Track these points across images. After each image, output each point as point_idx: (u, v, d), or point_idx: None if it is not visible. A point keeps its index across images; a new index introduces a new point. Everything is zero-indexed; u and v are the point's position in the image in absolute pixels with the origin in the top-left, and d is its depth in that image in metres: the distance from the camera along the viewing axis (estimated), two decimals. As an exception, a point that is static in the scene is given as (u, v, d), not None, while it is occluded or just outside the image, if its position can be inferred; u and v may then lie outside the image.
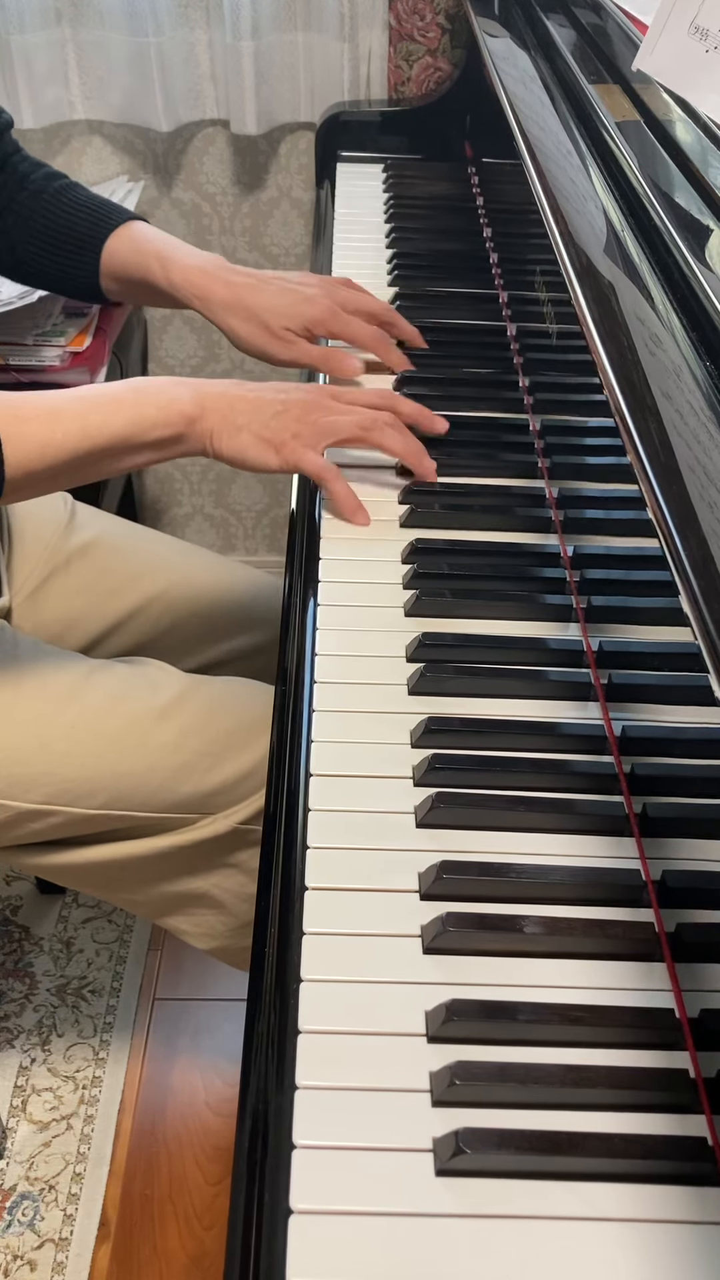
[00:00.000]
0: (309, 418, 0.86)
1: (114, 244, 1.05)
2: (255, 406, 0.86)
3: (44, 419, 0.78)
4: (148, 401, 0.82)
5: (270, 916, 0.62)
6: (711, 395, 0.59)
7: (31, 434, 0.78)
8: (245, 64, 1.57)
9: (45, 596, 1.10)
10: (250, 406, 0.85)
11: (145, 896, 0.99)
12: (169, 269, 1.02)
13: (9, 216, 1.09)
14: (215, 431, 0.84)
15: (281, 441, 0.85)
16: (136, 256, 1.04)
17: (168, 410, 0.82)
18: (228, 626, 1.14)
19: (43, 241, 1.08)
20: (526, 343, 1.06)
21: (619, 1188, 0.50)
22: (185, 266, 1.02)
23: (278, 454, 0.85)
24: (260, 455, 0.85)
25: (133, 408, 0.82)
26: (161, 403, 0.83)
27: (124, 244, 1.05)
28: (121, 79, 1.62)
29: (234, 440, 0.85)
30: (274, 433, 0.85)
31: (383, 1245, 0.48)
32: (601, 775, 0.68)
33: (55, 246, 1.07)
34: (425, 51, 1.62)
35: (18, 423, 0.77)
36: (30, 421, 0.78)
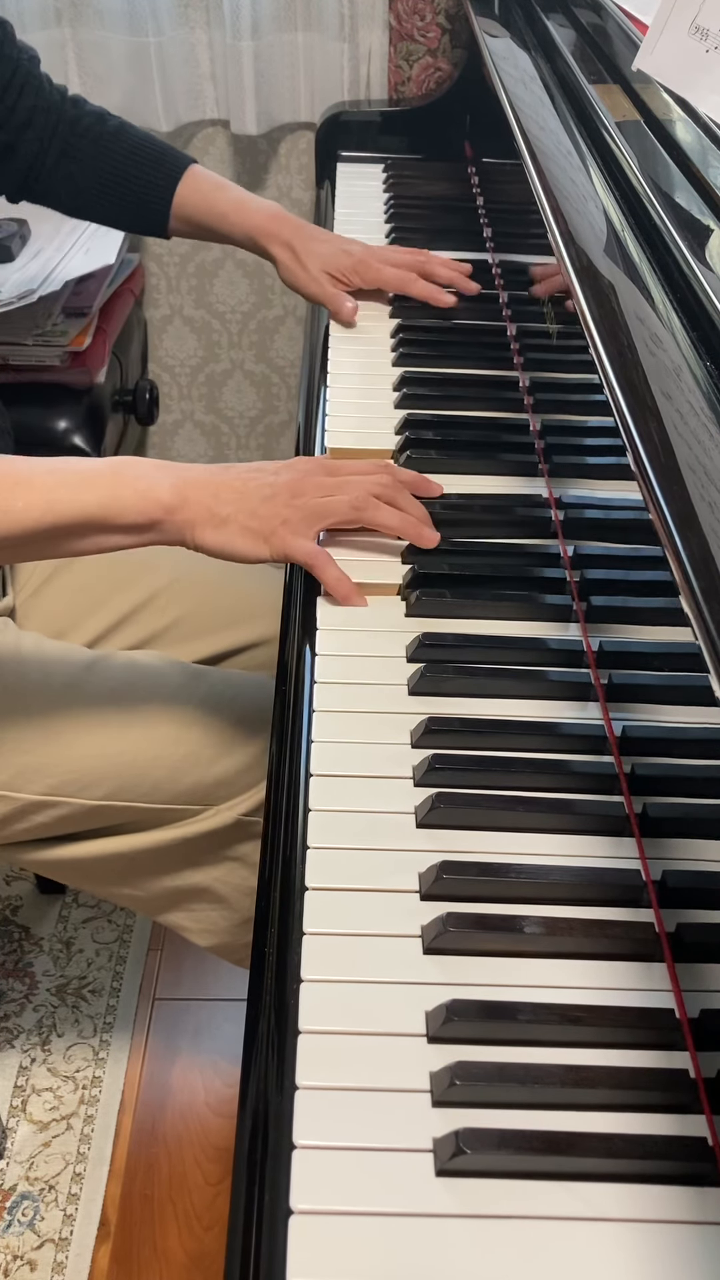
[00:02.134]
0: (298, 501, 0.81)
1: (183, 191, 1.15)
2: (241, 494, 0.80)
3: (7, 486, 0.75)
4: (124, 484, 0.78)
5: (270, 916, 0.62)
6: (711, 395, 0.59)
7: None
8: (245, 64, 1.57)
9: (50, 593, 1.11)
10: (235, 495, 0.80)
11: (147, 892, 0.99)
12: (243, 213, 1.15)
13: (70, 163, 1.14)
14: (198, 523, 0.79)
15: (270, 530, 0.80)
16: (208, 204, 1.16)
17: (145, 497, 0.78)
18: (232, 618, 1.14)
19: (113, 189, 1.15)
20: (526, 343, 1.06)
21: (619, 1188, 0.50)
22: (257, 210, 1.15)
23: (266, 543, 0.80)
24: (248, 546, 0.80)
25: (107, 488, 0.77)
26: (140, 488, 0.78)
27: (193, 193, 1.15)
28: (121, 79, 1.62)
29: (219, 533, 0.80)
30: (262, 521, 0.80)
31: (383, 1245, 0.48)
32: (601, 775, 0.68)
33: (125, 194, 1.16)
34: (425, 51, 1.62)
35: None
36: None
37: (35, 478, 0.76)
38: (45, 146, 1.13)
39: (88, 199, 1.16)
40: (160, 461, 0.81)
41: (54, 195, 1.17)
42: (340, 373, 1.06)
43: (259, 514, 0.80)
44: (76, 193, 1.16)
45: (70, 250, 1.52)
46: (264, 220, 1.14)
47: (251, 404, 1.95)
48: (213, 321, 1.87)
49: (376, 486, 0.83)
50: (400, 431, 0.97)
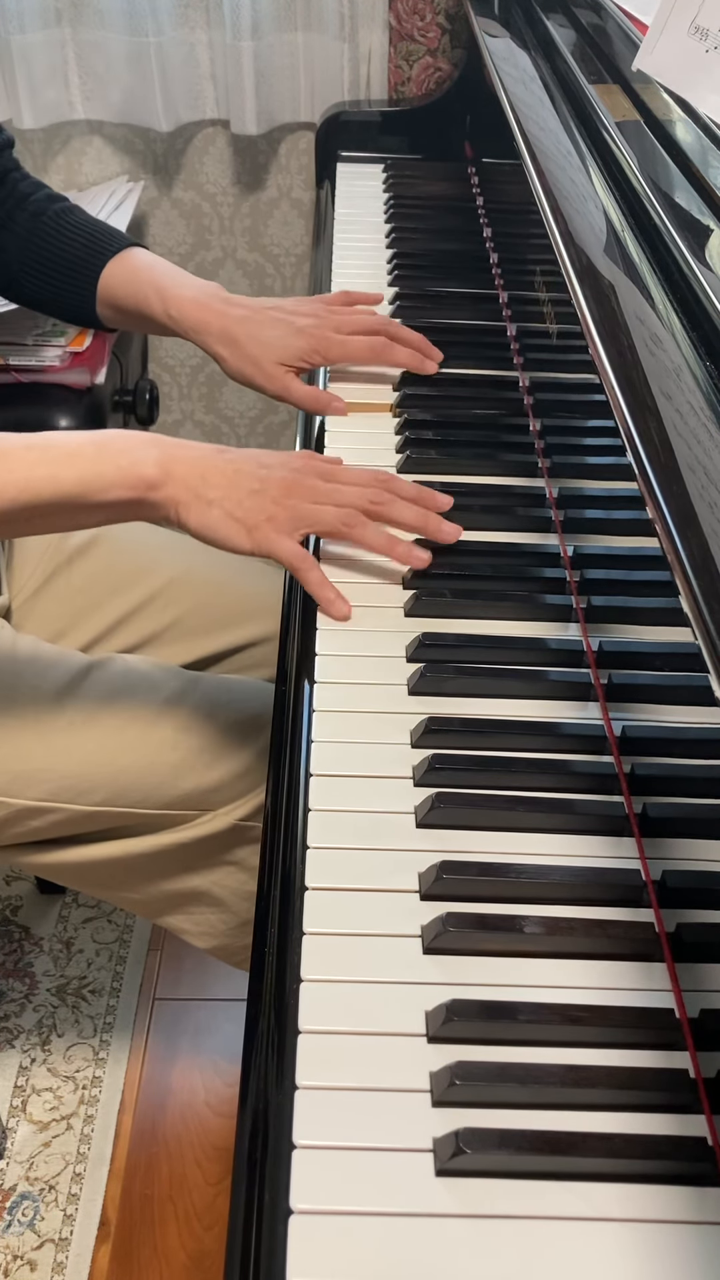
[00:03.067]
0: (288, 501, 0.79)
1: (111, 272, 1.04)
2: (231, 481, 0.79)
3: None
4: (107, 460, 0.76)
5: (270, 916, 0.62)
6: (711, 395, 0.59)
7: None
8: (245, 64, 1.57)
9: (47, 595, 1.11)
10: (225, 480, 0.78)
11: (145, 895, 0.99)
12: (166, 301, 1.01)
13: (5, 235, 1.07)
14: (182, 502, 0.78)
15: (255, 524, 0.78)
16: (133, 286, 1.03)
17: (127, 472, 0.76)
18: (230, 619, 1.14)
19: (38, 265, 1.06)
20: (526, 343, 1.06)
21: (619, 1188, 0.50)
22: (181, 299, 1.00)
23: (249, 536, 0.78)
24: (230, 535, 0.78)
25: (89, 464, 0.75)
26: (123, 463, 0.76)
27: (121, 273, 1.04)
28: (121, 79, 1.62)
29: (203, 515, 0.78)
30: (247, 513, 0.78)
31: (383, 1245, 0.48)
32: (601, 775, 0.68)
33: (51, 271, 1.06)
34: (425, 51, 1.62)
35: None
36: None
37: (13, 454, 0.75)
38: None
39: (16, 275, 1.08)
40: (152, 435, 0.79)
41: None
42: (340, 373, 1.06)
43: (244, 505, 0.78)
44: (7, 269, 1.08)
45: (70, 250, 1.52)
46: (192, 310, 1.00)
47: (251, 404, 1.95)
48: (213, 321, 1.86)
49: (367, 500, 0.80)
50: (400, 432, 0.97)
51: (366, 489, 0.81)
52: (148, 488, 0.77)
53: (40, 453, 0.75)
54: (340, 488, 0.81)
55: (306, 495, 0.80)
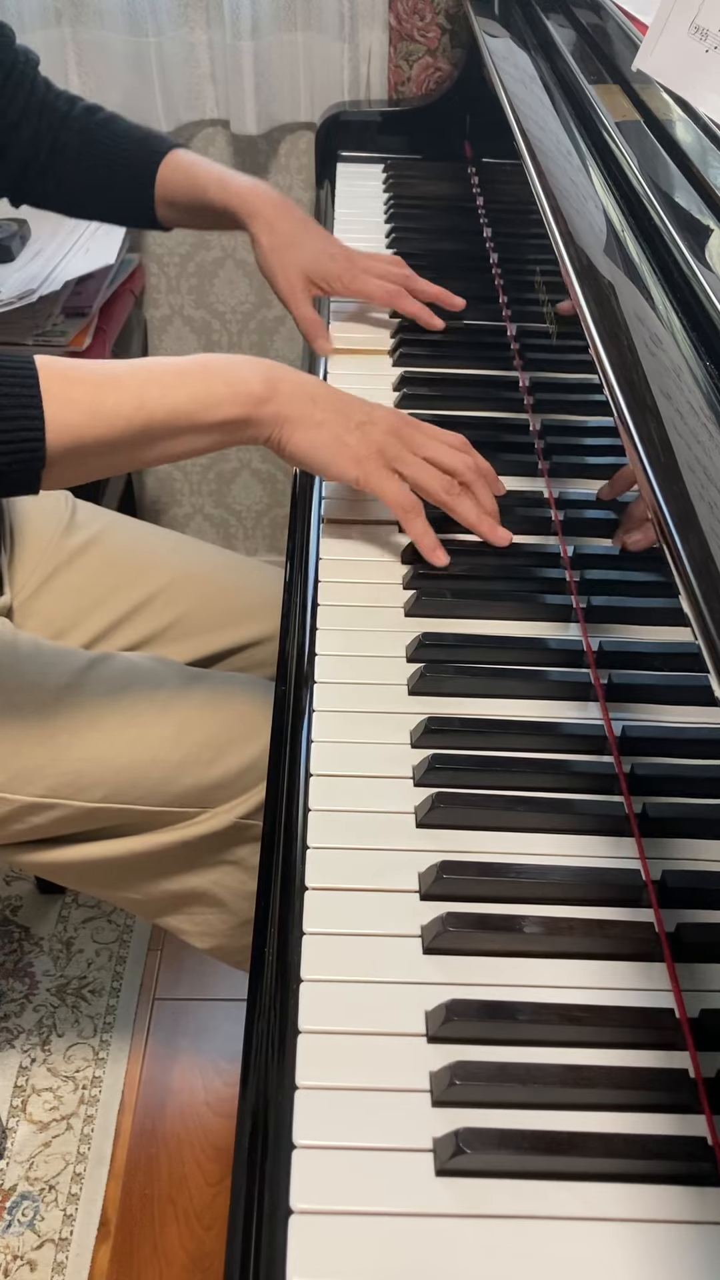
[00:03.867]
0: (395, 442, 0.80)
1: (166, 172, 1.10)
2: (338, 408, 0.79)
3: (95, 383, 0.72)
4: (215, 377, 0.75)
5: (270, 916, 0.62)
6: (711, 395, 0.59)
7: (78, 397, 0.70)
8: (245, 64, 1.57)
9: (48, 594, 1.11)
10: (333, 405, 0.79)
11: (145, 895, 0.99)
12: (225, 186, 1.08)
13: (58, 157, 1.12)
14: (289, 419, 0.77)
15: (366, 455, 0.78)
16: (191, 181, 1.10)
17: (236, 388, 0.75)
18: (231, 618, 1.14)
19: (97, 178, 1.12)
20: (526, 343, 1.06)
21: (619, 1188, 0.50)
22: (240, 182, 1.09)
23: (358, 466, 0.78)
24: (337, 459, 0.78)
25: (198, 383, 0.75)
26: (231, 379, 0.76)
27: (176, 173, 1.10)
28: (121, 79, 1.62)
29: (310, 435, 0.77)
30: (359, 441, 0.78)
31: (383, 1245, 0.48)
32: (601, 775, 0.68)
33: (110, 183, 1.12)
34: (425, 51, 1.62)
35: (65, 384, 0.70)
36: (79, 384, 0.71)
37: (124, 376, 0.73)
38: (37, 146, 1.12)
39: (77, 193, 1.14)
40: (253, 358, 0.79)
41: (47, 194, 1.16)
42: (340, 373, 1.06)
43: (355, 434, 0.79)
44: (66, 188, 1.14)
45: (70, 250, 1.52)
46: (246, 192, 1.08)
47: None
48: (213, 321, 1.87)
49: (466, 468, 0.82)
50: (400, 431, 0.97)
51: (466, 454, 0.83)
52: (256, 403, 0.76)
53: (150, 373, 0.74)
54: (442, 447, 0.82)
55: (410, 441, 0.81)
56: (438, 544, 0.81)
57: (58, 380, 0.70)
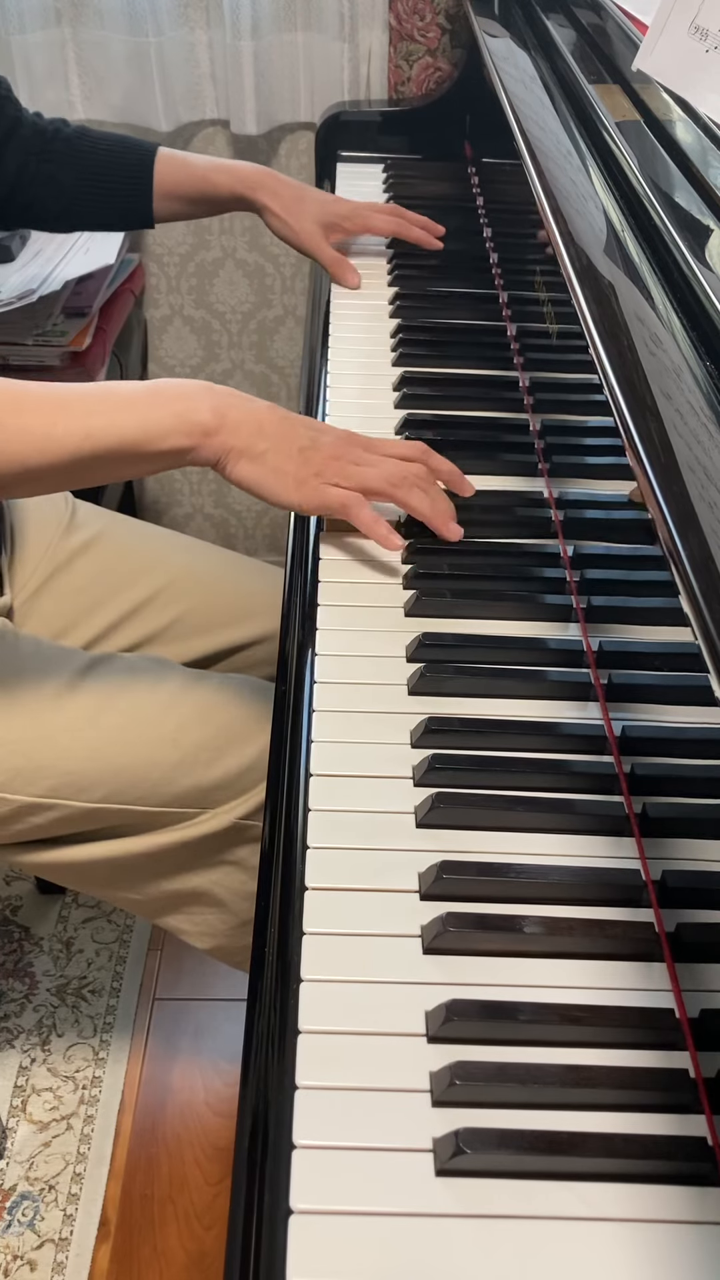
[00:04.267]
0: (337, 461, 0.81)
1: (162, 169, 1.17)
2: (282, 436, 0.80)
3: (46, 412, 0.74)
4: (164, 407, 0.77)
5: (270, 916, 0.62)
6: (711, 395, 0.59)
7: (30, 427, 0.73)
8: (245, 64, 1.57)
9: (48, 594, 1.11)
10: (277, 433, 0.80)
11: (145, 895, 0.99)
12: (229, 172, 1.18)
13: (50, 166, 1.15)
14: (234, 450, 0.79)
15: (305, 478, 0.80)
16: (190, 174, 1.18)
17: (184, 419, 0.77)
18: (231, 617, 1.14)
19: (94, 184, 1.17)
20: (526, 343, 1.06)
21: (619, 1188, 0.50)
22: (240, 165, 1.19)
23: (298, 490, 0.80)
24: (276, 488, 0.80)
25: (146, 411, 0.76)
26: (179, 409, 0.77)
27: (171, 167, 1.17)
28: (121, 79, 1.62)
29: (253, 466, 0.79)
30: (297, 467, 0.80)
31: (383, 1245, 0.48)
32: (601, 775, 0.68)
33: (107, 186, 1.17)
34: (425, 51, 1.62)
35: (17, 414, 0.73)
36: (30, 414, 0.74)
37: (73, 403, 0.75)
38: (26, 157, 1.14)
39: (72, 200, 1.17)
40: (204, 383, 0.81)
41: (40, 205, 1.17)
42: (340, 373, 1.06)
43: (295, 459, 0.80)
44: (61, 195, 1.17)
45: (70, 250, 1.52)
46: (246, 172, 1.17)
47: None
48: (213, 321, 1.87)
49: (410, 474, 0.83)
50: (400, 431, 0.97)
51: (410, 465, 0.84)
52: (203, 434, 0.78)
53: (97, 401, 0.76)
54: (384, 460, 0.84)
55: (353, 458, 0.82)
56: (390, 531, 0.82)
57: (8, 409, 0.73)
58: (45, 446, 0.74)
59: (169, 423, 0.77)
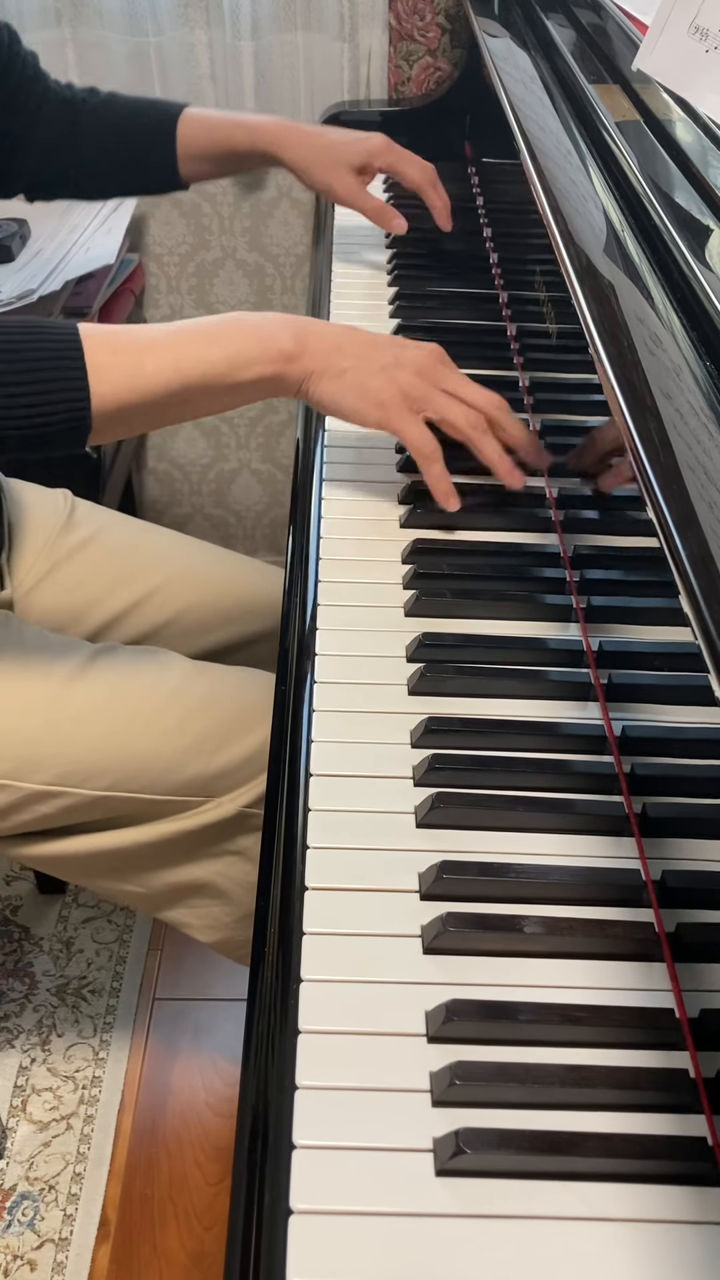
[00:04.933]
0: (420, 381, 0.82)
1: (185, 130, 1.15)
2: (364, 353, 0.81)
3: (135, 351, 0.75)
4: (248, 337, 0.78)
5: (270, 916, 0.62)
6: (711, 395, 0.59)
7: (121, 366, 0.75)
8: (245, 64, 1.57)
9: (47, 590, 1.11)
10: (359, 351, 0.81)
11: (148, 887, 0.99)
12: (250, 130, 1.15)
13: (79, 136, 1.15)
14: (315, 372, 0.80)
15: (387, 398, 0.81)
16: (212, 134, 1.16)
17: (267, 346, 0.78)
18: (229, 615, 1.15)
19: (120, 150, 1.16)
20: (526, 343, 1.06)
21: (619, 1188, 0.50)
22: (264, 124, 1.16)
23: (380, 409, 0.81)
24: (359, 406, 0.81)
25: (230, 343, 0.78)
26: (261, 337, 0.78)
27: (195, 128, 1.15)
28: (121, 79, 1.62)
29: (334, 384, 0.80)
30: (381, 386, 0.81)
31: (383, 1245, 0.48)
32: (601, 775, 0.68)
33: (132, 151, 1.16)
34: (425, 51, 1.62)
35: (109, 354, 0.75)
36: (122, 354, 0.75)
37: (160, 339, 0.77)
38: (55, 129, 1.14)
39: (98, 168, 1.17)
40: (281, 315, 0.82)
41: (67, 178, 1.18)
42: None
43: (378, 378, 0.81)
44: (89, 164, 1.17)
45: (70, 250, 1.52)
46: (268, 126, 1.15)
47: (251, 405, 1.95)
48: (213, 321, 1.86)
49: (493, 405, 0.84)
50: (400, 431, 0.97)
51: (492, 394, 0.85)
52: (286, 360, 0.79)
53: (185, 336, 0.78)
54: (468, 384, 0.84)
55: (438, 379, 0.83)
56: (452, 490, 0.84)
57: (102, 350, 0.74)
58: (136, 384, 0.75)
59: (253, 351, 0.78)
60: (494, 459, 0.85)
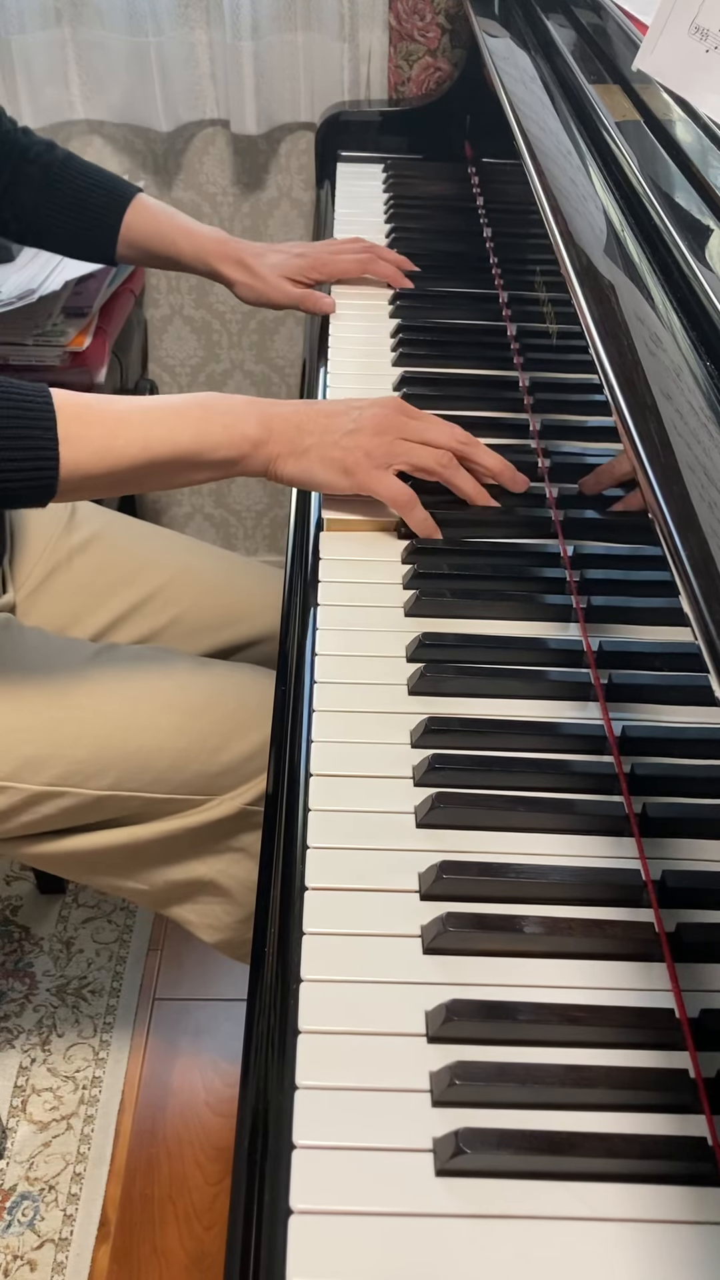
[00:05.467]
0: (383, 437, 0.83)
1: (133, 216, 1.16)
2: (325, 425, 0.84)
3: (108, 423, 0.77)
4: (214, 420, 0.81)
5: (270, 916, 0.62)
6: (711, 395, 0.59)
7: (93, 438, 0.77)
8: (245, 64, 1.57)
9: (49, 592, 1.11)
10: (319, 426, 0.83)
11: (151, 885, 0.99)
12: (194, 241, 1.17)
13: (20, 188, 1.15)
14: (280, 455, 0.82)
15: (354, 462, 0.83)
16: (157, 231, 1.17)
17: (232, 431, 0.81)
18: (230, 616, 1.15)
19: (63, 214, 1.16)
20: (526, 343, 1.06)
21: (619, 1188, 0.50)
22: (205, 237, 1.18)
23: (349, 476, 0.83)
24: (329, 475, 0.83)
25: (198, 424, 0.80)
26: (228, 422, 0.81)
27: (143, 219, 1.17)
28: (121, 79, 1.62)
29: (300, 462, 0.83)
30: (345, 451, 0.83)
31: (383, 1245, 0.48)
32: (601, 775, 0.68)
33: (75, 219, 1.17)
34: (425, 51, 1.62)
35: (81, 426, 0.76)
36: (94, 426, 0.77)
37: (132, 415, 0.79)
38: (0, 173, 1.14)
39: (37, 223, 1.18)
40: (244, 397, 0.84)
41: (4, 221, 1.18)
42: (340, 373, 1.06)
43: (342, 445, 0.83)
44: (25, 217, 1.17)
45: (70, 250, 1.52)
46: (213, 244, 1.17)
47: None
48: (213, 321, 1.87)
49: (457, 440, 0.85)
50: (400, 431, 0.97)
51: (455, 430, 0.86)
52: (252, 445, 0.82)
53: (155, 415, 0.80)
54: (430, 426, 0.86)
55: (400, 430, 0.84)
56: (435, 527, 0.85)
57: (74, 421, 0.76)
58: (105, 457, 0.77)
59: (220, 435, 0.81)
60: (468, 491, 0.86)
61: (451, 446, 0.85)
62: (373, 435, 0.83)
